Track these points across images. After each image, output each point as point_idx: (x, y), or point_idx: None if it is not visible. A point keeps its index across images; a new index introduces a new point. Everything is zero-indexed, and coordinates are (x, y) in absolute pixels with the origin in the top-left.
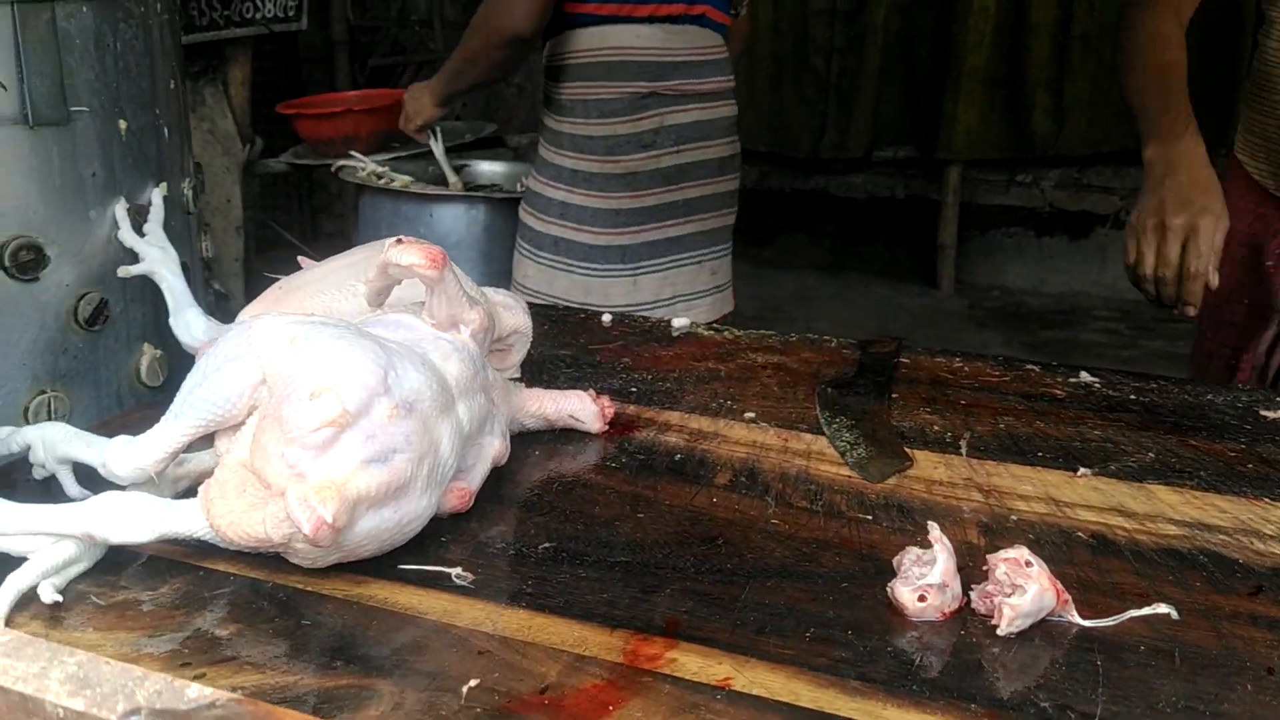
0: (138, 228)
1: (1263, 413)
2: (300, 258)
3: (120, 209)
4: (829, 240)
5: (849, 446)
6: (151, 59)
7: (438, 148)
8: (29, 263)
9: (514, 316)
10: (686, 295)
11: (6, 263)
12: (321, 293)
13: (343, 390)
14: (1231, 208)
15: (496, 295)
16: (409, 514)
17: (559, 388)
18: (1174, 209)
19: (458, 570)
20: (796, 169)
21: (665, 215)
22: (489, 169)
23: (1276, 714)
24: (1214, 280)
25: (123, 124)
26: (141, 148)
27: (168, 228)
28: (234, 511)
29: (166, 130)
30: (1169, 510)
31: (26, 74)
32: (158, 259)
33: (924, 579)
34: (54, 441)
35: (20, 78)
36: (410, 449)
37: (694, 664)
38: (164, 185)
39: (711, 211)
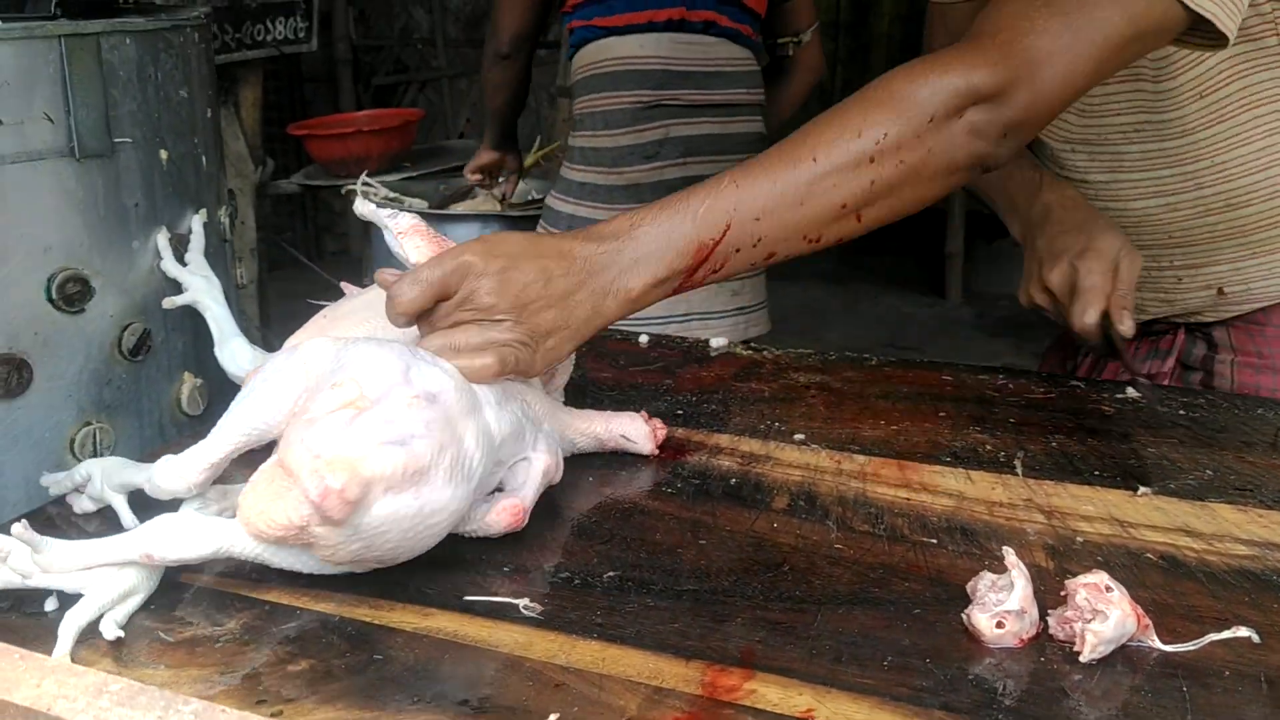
0: (179, 257)
1: None
2: (344, 284)
3: (162, 238)
4: (835, 251)
5: None
6: (190, 88)
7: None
8: (76, 295)
9: None
10: (702, 313)
11: (55, 295)
12: (367, 320)
13: (363, 378)
14: None
15: None
16: (431, 504)
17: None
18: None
19: (525, 601)
20: None
21: None
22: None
23: None
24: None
25: (164, 154)
26: (181, 176)
27: (206, 255)
28: (261, 501)
29: (204, 158)
30: (1235, 529)
31: (74, 107)
32: (202, 288)
33: (1001, 605)
34: (112, 470)
35: (67, 110)
36: (430, 436)
37: (774, 695)
38: (203, 212)
39: None
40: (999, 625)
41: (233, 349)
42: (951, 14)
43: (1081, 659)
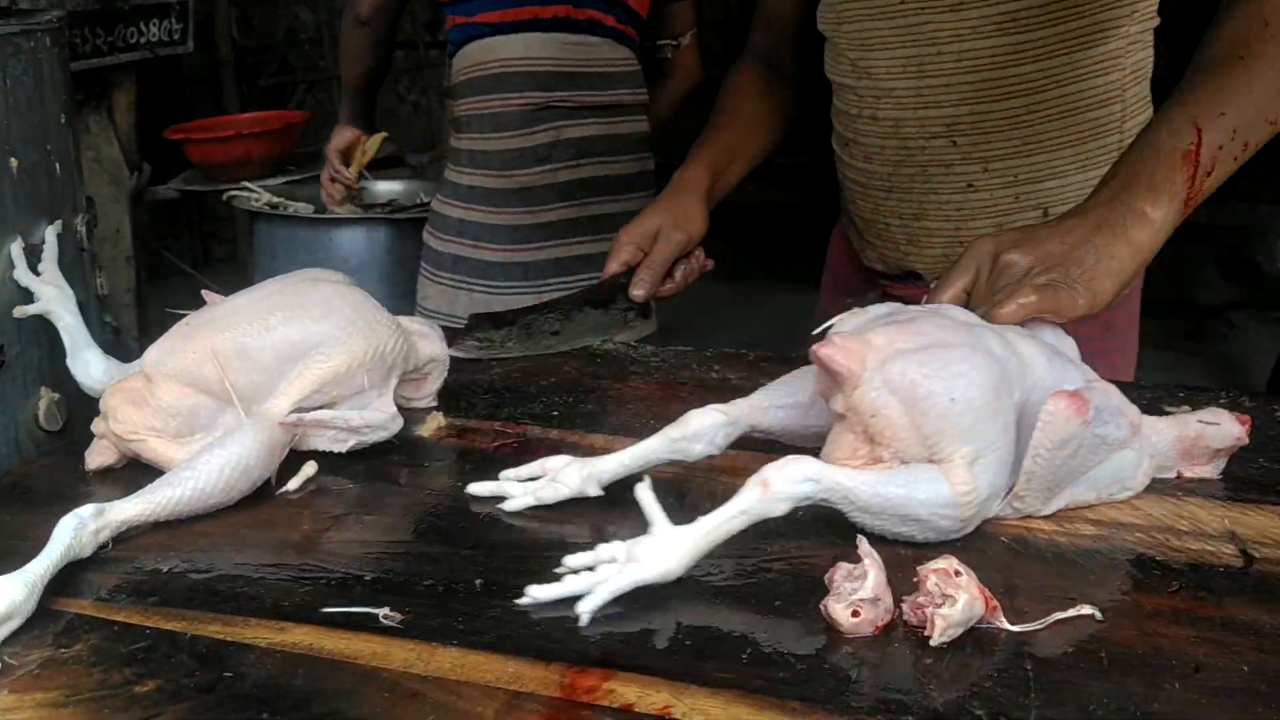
0: (33, 267)
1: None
2: (205, 292)
3: (15, 248)
4: (729, 249)
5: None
6: (42, 95)
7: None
8: None
9: (430, 345)
10: None
11: None
12: (232, 327)
13: None
14: (838, 234)
15: (413, 324)
16: None
17: (476, 416)
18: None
19: (385, 610)
20: None
21: (568, 232)
22: (386, 188)
23: (1205, 712)
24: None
25: (14, 162)
26: (34, 185)
27: (62, 265)
28: None
29: (58, 166)
30: (1086, 511)
31: None
32: (54, 298)
33: (856, 594)
34: None
35: None
36: None
37: (632, 694)
38: (58, 223)
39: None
40: (855, 614)
41: (85, 360)
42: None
43: (932, 643)
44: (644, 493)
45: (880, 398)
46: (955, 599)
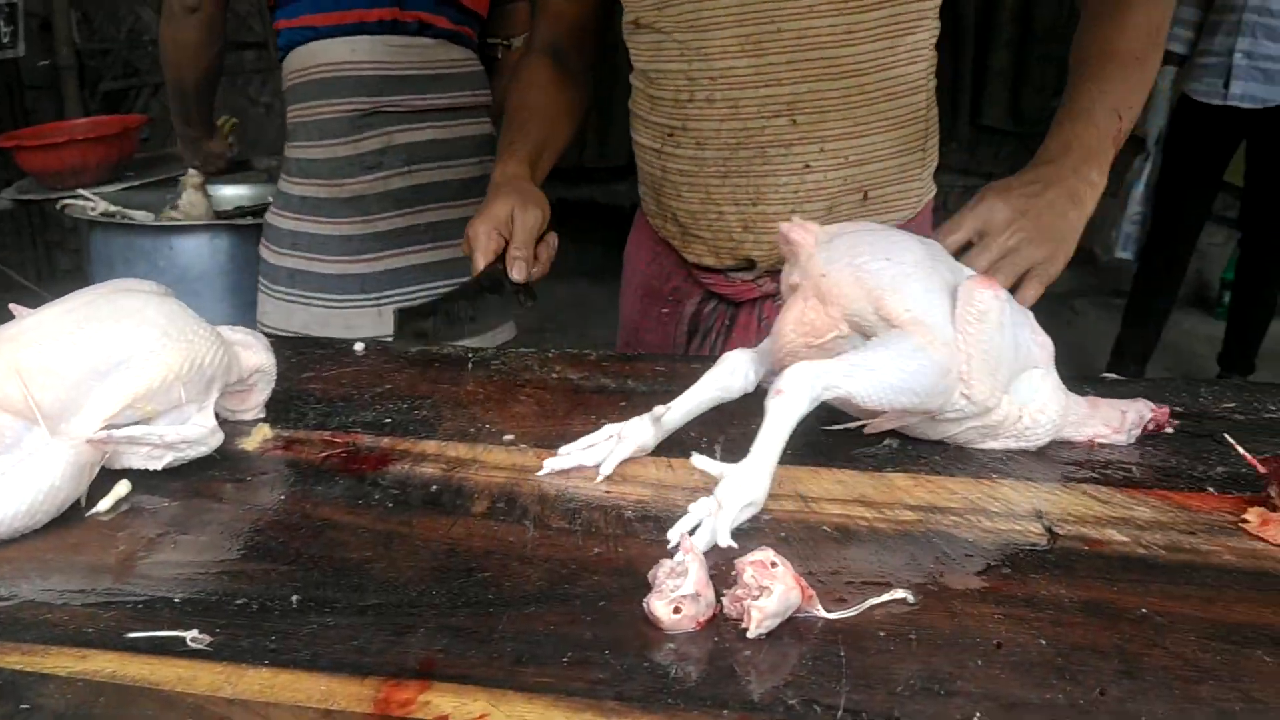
0: None
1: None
2: (13, 305)
3: None
4: (599, 248)
5: None
6: None
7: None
8: None
9: (255, 355)
10: None
11: None
12: (37, 342)
13: None
14: (637, 244)
15: (234, 334)
16: None
17: (305, 426)
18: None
19: (194, 633)
20: (562, 179)
21: (406, 241)
22: (233, 193)
23: (1004, 685)
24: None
25: None
26: None
27: None
28: None
29: None
30: (905, 496)
31: None
32: None
33: (677, 591)
34: None
35: None
36: None
37: (449, 704)
38: None
39: (459, 238)
40: (676, 610)
41: None
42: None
43: (749, 635)
44: (698, 459)
45: (828, 261)
46: (771, 590)
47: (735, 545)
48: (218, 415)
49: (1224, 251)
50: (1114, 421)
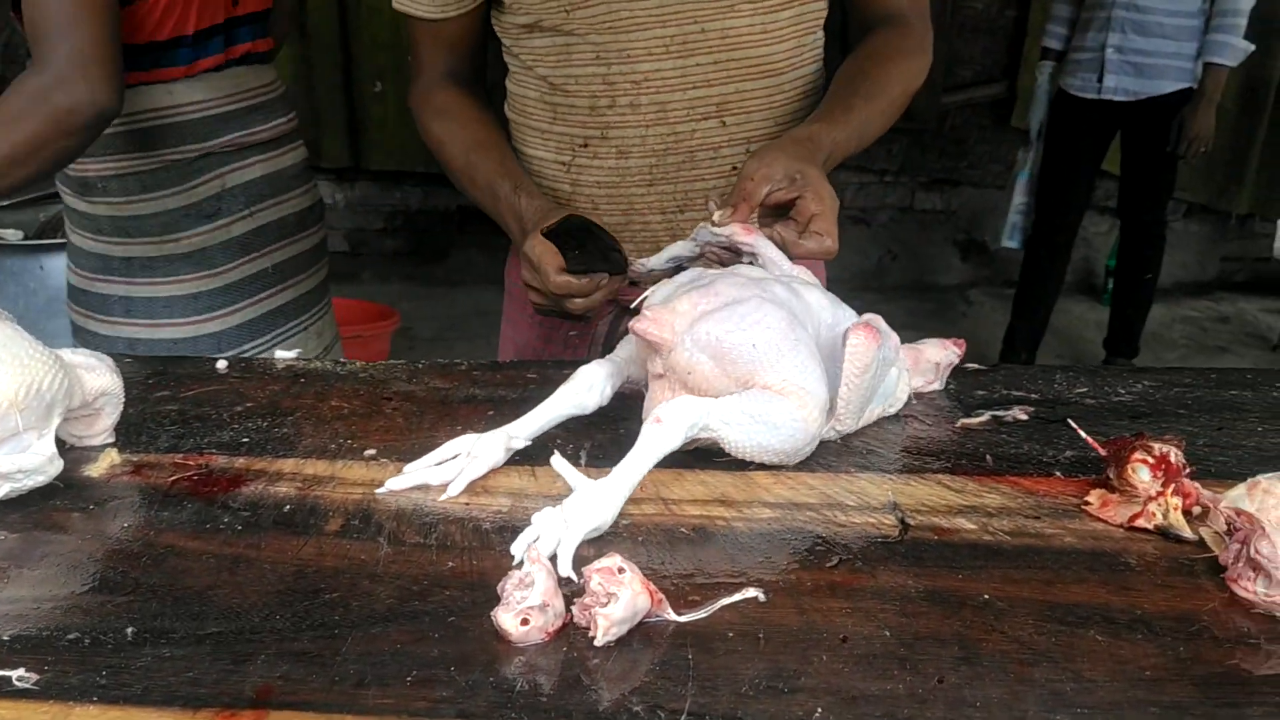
0: None
1: None
2: None
3: None
4: (502, 254)
5: None
6: None
7: None
8: None
9: (99, 378)
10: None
11: None
12: None
13: None
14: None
15: (76, 356)
16: None
17: (157, 449)
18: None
19: (20, 671)
20: None
21: (255, 288)
22: None
23: (847, 679)
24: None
25: None
26: None
27: None
28: None
29: None
30: (765, 494)
31: None
32: None
33: (524, 602)
34: None
35: None
36: None
37: None
38: None
39: (304, 273)
40: (524, 622)
41: None
42: (442, 30)
43: (596, 643)
44: (558, 462)
45: (693, 357)
46: (618, 597)
47: (575, 578)
48: (63, 442)
49: (1109, 240)
50: (929, 374)
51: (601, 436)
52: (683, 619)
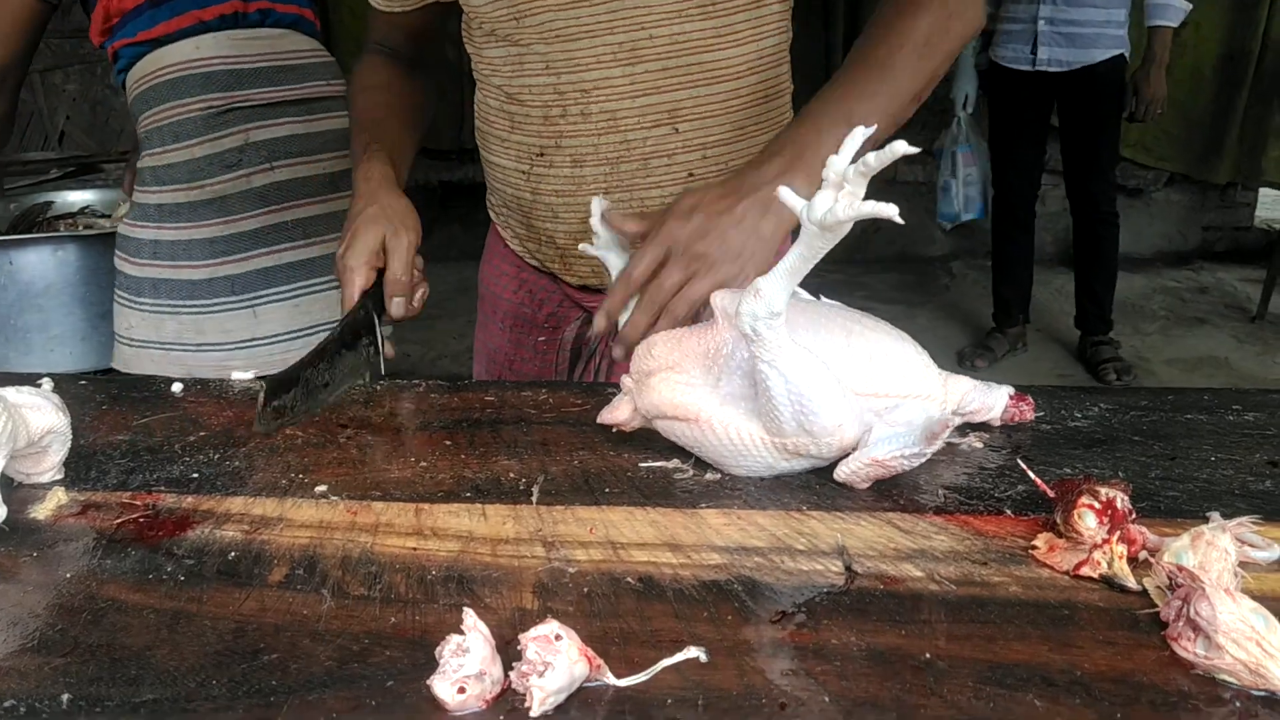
0: None
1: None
2: None
3: None
4: (484, 230)
5: None
6: None
7: None
8: None
9: (45, 417)
10: (329, 323)
11: None
12: None
13: None
14: (498, 273)
15: (19, 396)
16: None
17: (105, 487)
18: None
19: None
20: (443, 160)
21: (275, 239)
22: (78, 197)
23: None
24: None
25: None
26: None
27: None
28: None
29: None
30: (715, 536)
31: None
32: None
33: (461, 670)
34: None
35: None
36: None
37: None
38: None
39: (332, 232)
40: (460, 690)
41: None
42: (392, 18)
43: (533, 715)
44: (785, 193)
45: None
46: (554, 665)
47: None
48: (11, 479)
49: None
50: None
51: (555, 469)
52: (622, 684)
